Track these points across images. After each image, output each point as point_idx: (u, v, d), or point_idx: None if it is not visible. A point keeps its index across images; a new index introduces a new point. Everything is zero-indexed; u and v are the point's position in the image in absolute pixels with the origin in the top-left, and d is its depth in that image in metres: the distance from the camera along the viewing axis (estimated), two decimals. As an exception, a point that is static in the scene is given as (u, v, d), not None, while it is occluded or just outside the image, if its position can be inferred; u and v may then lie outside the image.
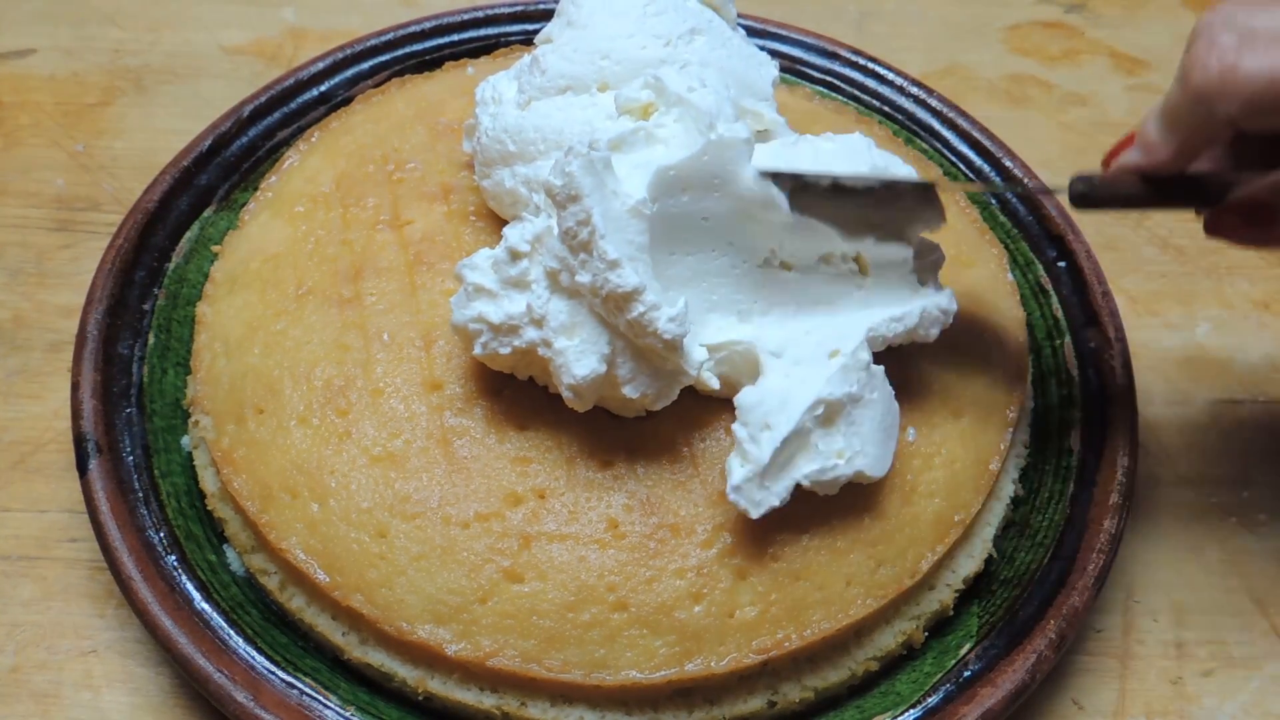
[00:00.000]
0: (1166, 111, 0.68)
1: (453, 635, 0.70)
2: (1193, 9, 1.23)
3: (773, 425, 0.69)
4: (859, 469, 0.71)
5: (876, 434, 0.73)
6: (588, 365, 0.69)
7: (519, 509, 0.72)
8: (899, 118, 1.00)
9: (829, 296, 0.75)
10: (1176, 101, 0.67)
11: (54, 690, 0.75)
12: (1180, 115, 0.67)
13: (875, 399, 0.73)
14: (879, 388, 0.74)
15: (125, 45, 1.11)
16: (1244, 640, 0.82)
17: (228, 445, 0.76)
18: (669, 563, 0.71)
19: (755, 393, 0.70)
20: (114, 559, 0.73)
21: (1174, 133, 0.67)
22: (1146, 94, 1.15)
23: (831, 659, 0.73)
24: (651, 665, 0.69)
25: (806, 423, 0.70)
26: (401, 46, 1.00)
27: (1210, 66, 0.64)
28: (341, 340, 0.78)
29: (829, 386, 0.71)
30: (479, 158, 0.81)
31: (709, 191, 0.71)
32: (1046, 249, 0.93)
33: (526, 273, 0.70)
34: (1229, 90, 0.63)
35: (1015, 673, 0.72)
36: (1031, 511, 0.81)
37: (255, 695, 0.69)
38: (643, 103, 0.74)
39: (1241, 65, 0.63)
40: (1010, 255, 0.92)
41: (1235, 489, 0.89)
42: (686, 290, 0.72)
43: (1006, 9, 1.22)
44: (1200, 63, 0.64)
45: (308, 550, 0.72)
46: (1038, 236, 0.93)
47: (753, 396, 0.70)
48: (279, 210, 0.86)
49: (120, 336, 0.83)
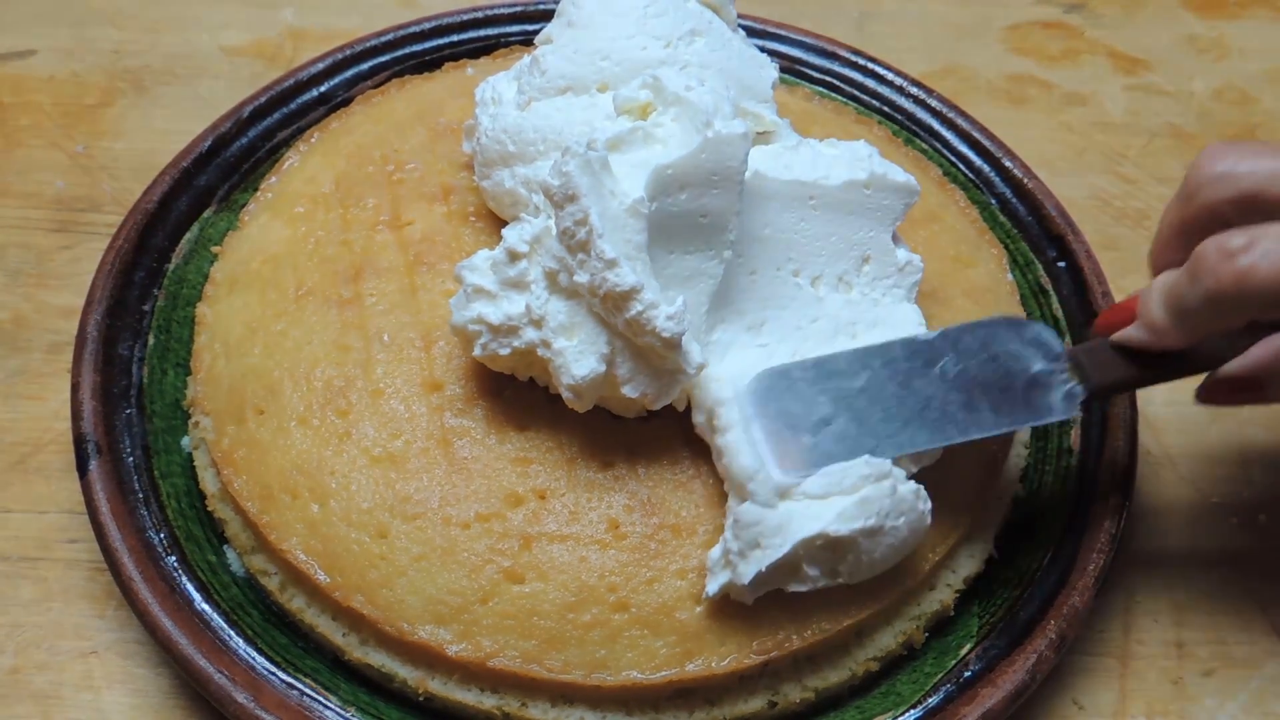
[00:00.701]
0: (1172, 299, 0.66)
1: (453, 636, 0.70)
2: (1192, 10, 1.23)
3: (765, 547, 0.67)
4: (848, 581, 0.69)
5: (888, 557, 0.70)
6: (587, 365, 0.69)
7: (519, 509, 0.72)
8: (899, 118, 1.00)
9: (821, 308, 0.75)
10: (1184, 293, 0.65)
11: (54, 691, 0.75)
12: (1189, 309, 0.65)
13: (899, 526, 0.68)
14: (908, 512, 0.68)
15: (125, 46, 1.11)
16: (1244, 640, 0.82)
17: (228, 446, 0.76)
18: (670, 563, 0.71)
19: (755, 512, 0.67)
20: (114, 560, 0.73)
21: (1184, 322, 0.66)
22: (1145, 94, 1.15)
23: (832, 659, 0.73)
24: (652, 666, 0.69)
25: (799, 550, 0.67)
26: (401, 47, 1.00)
27: (1224, 275, 0.62)
28: (341, 341, 0.78)
29: (838, 522, 0.67)
30: (479, 158, 0.81)
31: (707, 189, 0.71)
32: (1046, 249, 0.93)
33: (525, 273, 0.70)
34: (1247, 296, 0.62)
35: (1016, 673, 0.72)
36: (1032, 512, 0.81)
37: (256, 696, 0.69)
38: (641, 102, 0.74)
39: (1258, 270, 0.62)
40: (1010, 255, 0.92)
41: (1235, 489, 0.89)
42: (686, 289, 0.72)
43: (1006, 9, 1.22)
44: (1212, 270, 0.63)
45: (308, 551, 0.72)
46: (1038, 236, 0.93)
47: (752, 515, 0.67)
48: (279, 211, 0.86)
49: (120, 337, 0.83)
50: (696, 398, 0.72)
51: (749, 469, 0.67)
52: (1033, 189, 0.95)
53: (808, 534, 0.66)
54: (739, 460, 0.68)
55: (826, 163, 0.75)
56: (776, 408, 0.70)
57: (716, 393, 0.70)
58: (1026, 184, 0.95)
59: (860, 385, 0.71)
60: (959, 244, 0.88)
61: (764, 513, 0.67)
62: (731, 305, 0.74)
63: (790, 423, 0.69)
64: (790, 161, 0.76)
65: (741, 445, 0.68)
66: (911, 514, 0.69)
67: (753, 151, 0.73)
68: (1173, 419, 0.92)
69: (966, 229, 0.91)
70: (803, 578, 0.69)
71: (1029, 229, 0.94)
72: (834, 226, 0.76)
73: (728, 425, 0.69)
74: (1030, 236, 0.94)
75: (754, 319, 0.74)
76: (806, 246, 0.75)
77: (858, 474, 0.68)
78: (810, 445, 0.69)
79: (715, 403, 0.70)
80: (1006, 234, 0.94)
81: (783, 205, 0.75)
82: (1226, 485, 0.89)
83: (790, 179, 0.75)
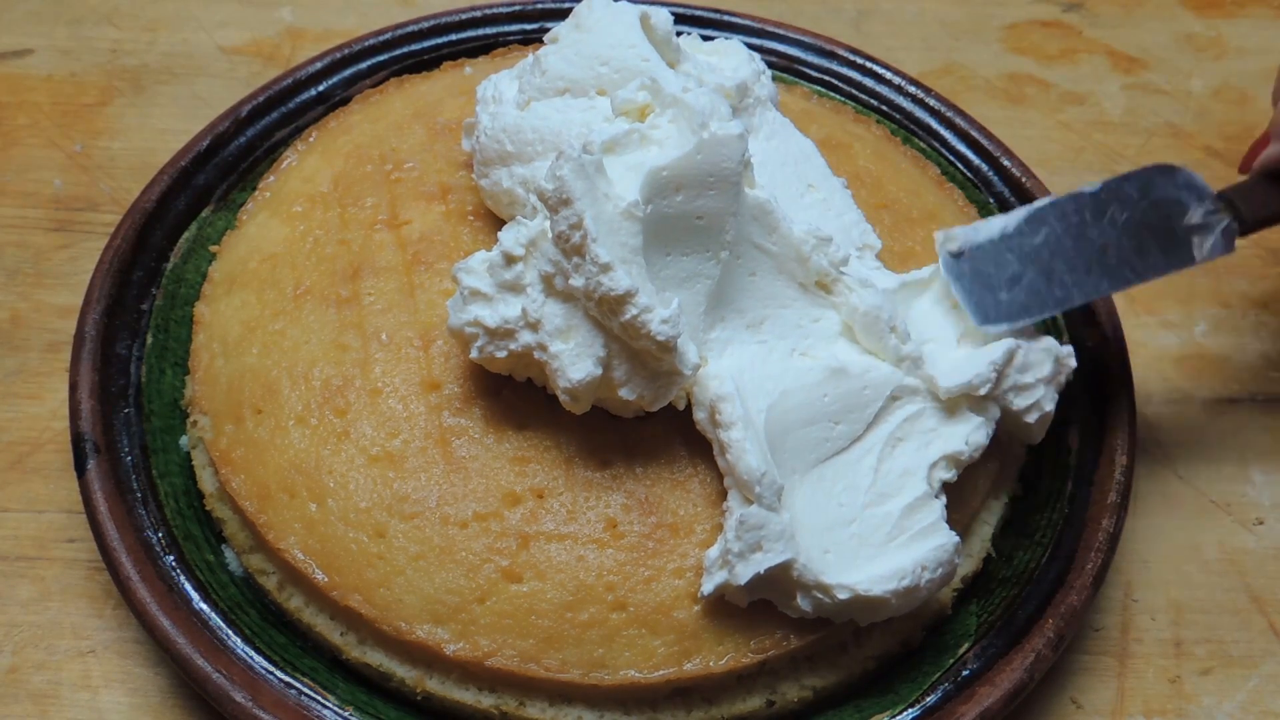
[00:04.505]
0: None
1: (451, 635, 0.70)
2: (1190, 8, 1.23)
3: (766, 550, 0.67)
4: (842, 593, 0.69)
5: (892, 613, 0.70)
6: (583, 369, 0.69)
7: (517, 509, 0.72)
8: (897, 117, 1.00)
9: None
10: None
11: (52, 690, 0.75)
12: None
13: (934, 579, 0.69)
14: (945, 564, 0.69)
15: (123, 45, 1.11)
16: (1242, 639, 0.82)
17: (226, 445, 0.76)
18: (667, 562, 0.71)
19: (760, 515, 0.67)
20: (112, 559, 0.73)
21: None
22: (1144, 93, 1.15)
23: (830, 658, 0.73)
24: (650, 665, 0.69)
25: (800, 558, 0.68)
26: (399, 46, 1.00)
27: None
28: (340, 340, 0.78)
29: (872, 584, 0.67)
30: (478, 157, 0.81)
31: (704, 191, 0.71)
32: (1044, 248, 0.93)
33: (521, 276, 0.70)
34: None
35: (1014, 672, 0.72)
36: (1030, 510, 0.81)
37: (254, 695, 0.69)
38: (639, 104, 0.74)
39: None
40: (1008, 254, 0.92)
41: (1234, 488, 0.89)
42: (682, 290, 0.72)
43: (1004, 8, 1.22)
44: None
45: (306, 550, 0.72)
46: (1036, 235, 0.93)
47: (757, 517, 0.67)
48: (277, 210, 0.86)
49: (118, 337, 0.83)
50: (697, 395, 0.72)
51: (755, 470, 0.67)
52: (1031, 188, 0.95)
53: (844, 597, 0.67)
54: (745, 460, 0.68)
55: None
56: (970, 268, 0.76)
57: (717, 389, 0.70)
58: (1025, 183, 0.95)
59: (1040, 240, 0.76)
60: (957, 243, 0.88)
61: (769, 516, 0.67)
62: (731, 304, 0.74)
63: (985, 282, 0.75)
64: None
65: (747, 444, 0.68)
66: (947, 568, 0.70)
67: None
68: (1172, 419, 0.92)
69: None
70: (793, 609, 0.69)
71: (1027, 228, 0.94)
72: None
73: (730, 421, 0.69)
74: (1028, 235, 0.94)
75: (754, 317, 0.74)
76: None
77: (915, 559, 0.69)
78: (1006, 300, 0.75)
79: (716, 399, 0.70)
80: (1005, 233, 0.94)
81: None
82: (1225, 485, 0.89)
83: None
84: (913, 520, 0.70)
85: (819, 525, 0.69)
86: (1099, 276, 0.77)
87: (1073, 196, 0.78)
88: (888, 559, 0.69)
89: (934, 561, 0.69)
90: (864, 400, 0.72)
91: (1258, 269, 1.01)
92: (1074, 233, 0.77)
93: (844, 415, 0.72)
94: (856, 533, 0.69)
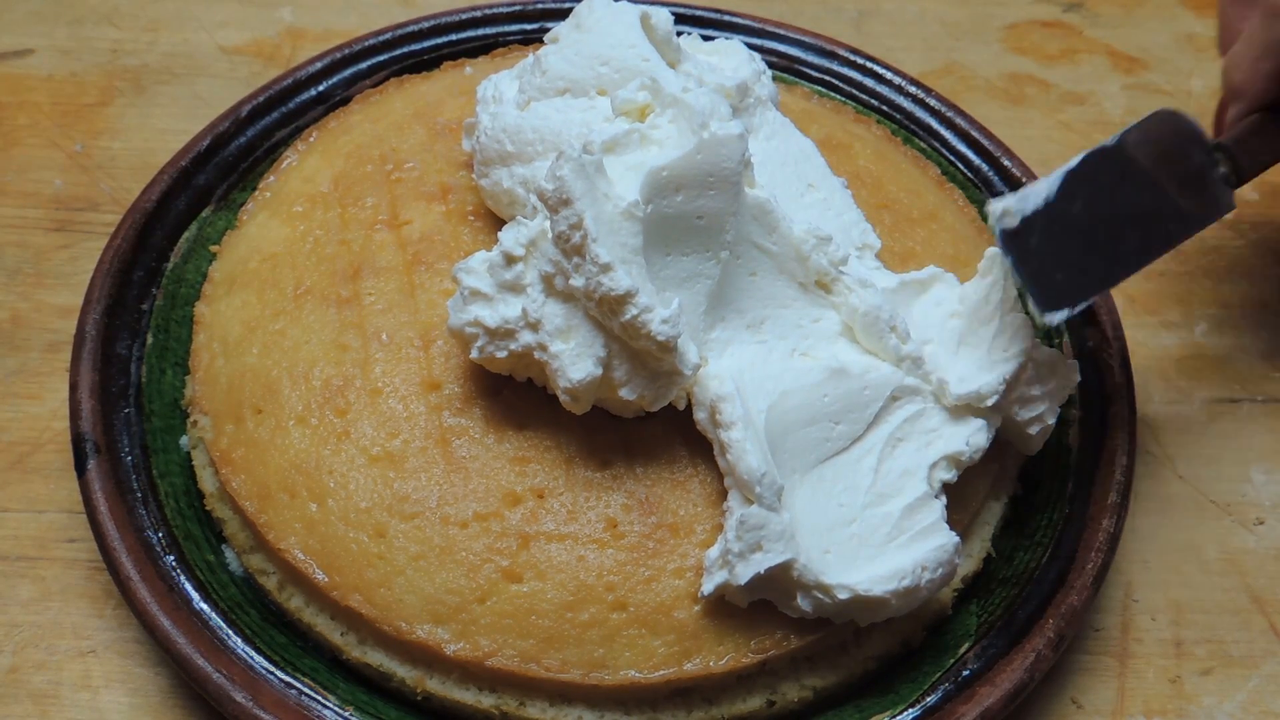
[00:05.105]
0: (1240, 58, 0.77)
1: (451, 635, 0.70)
2: (1190, 8, 1.23)
3: (767, 550, 0.67)
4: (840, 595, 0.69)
5: (892, 614, 0.70)
6: (583, 369, 0.69)
7: (518, 509, 0.72)
8: (897, 117, 1.00)
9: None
10: (1258, 37, 0.75)
11: (52, 691, 0.75)
12: (1260, 43, 0.76)
13: (934, 579, 0.69)
14: (945, 565, 0.69)
15: (123, 45, 1.11)
16: (1242, 639, 0.82)
17: (226, 445, 0.76)
18: (668, 562, 0.71)
19: (760, 515, 0.67)
20: (112, 559, 0.73)
21: (1263, 61, 0.75)
22: (1144, 93, 1.15)
23: (830, 658, 0.73)
24: (650, 665, 0.69)
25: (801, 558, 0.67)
26: (399, 46, 1.00)
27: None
28: (340, 340, 0.78)
29: (873, 584, 0.67)
30: (478, 157, 0.81)
31: (704, 190, 0.71)
32: (1045, 248, 0.93)
33: (522, 276, 0.70)
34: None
35: (1014, 672, 0.72)
36: (1030, 510, 0.81)
37: (254, 695, 0.69)
38: (640, 104, 0.74)
39: None
40: (1009, 254, 0.92)
41: (1234, 488, 0.89)
42: (682, 290, 0.72)
43: (1004, 8, 1.22)
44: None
45: (306, 550, 0.72)
46: (1036, 236, 0.93)
47: (758, 518, 0.67)
48: (277, 210, 0.86)
49: (118, 336, 0.83)
50: (697, 395, 0.72)
51: (756, 470, 0.67)
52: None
53: (844, 597, 0.67)
54: (745, 460, 0.68)
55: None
56: (1029, 247, 0.74)
57: (717, 389, 0.70)
58: (1025, 183, 0.95)
59: (1079, 210, 0.74)
60: (957, 243, 0.88)
61: (769, 516, 0.67)
62: (731, 304, 0.74)
63: (1041, 264, 0.74)
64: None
65: (747, 444, 0.68)
66: (948, 568, 0.70)
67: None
68: (1172, 419, 0.92)
69: (965, 228, 0.91)
70: (793, 609, 0.69)
71: (1027, 228, 0.94)
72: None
73: (731, 421, 0.69)
74: (1029, 236, 0.94)
75: (754, 317, 0.74)
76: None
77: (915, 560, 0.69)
78: (1063, 281, 0.73)
79: (716, 399, 0.70)
80: (1005, 233, 0.94)
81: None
82: (1225, 485, 0.89)
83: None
84: (913, 520, 0.70)
85: (819, 525, 0.69)
86: (1148, 244, 0.75)
87: (1086, 158, 0.75)
88: (888, 559, 0.69)
89: (934, 562, 0.69)
90: (864, 400, 0.72)
91: (1258, 269, 1.01)
92: (1105, 199, 0.75)
93: (844, 415, 0.72)
94: (857, 533, 0.69)
